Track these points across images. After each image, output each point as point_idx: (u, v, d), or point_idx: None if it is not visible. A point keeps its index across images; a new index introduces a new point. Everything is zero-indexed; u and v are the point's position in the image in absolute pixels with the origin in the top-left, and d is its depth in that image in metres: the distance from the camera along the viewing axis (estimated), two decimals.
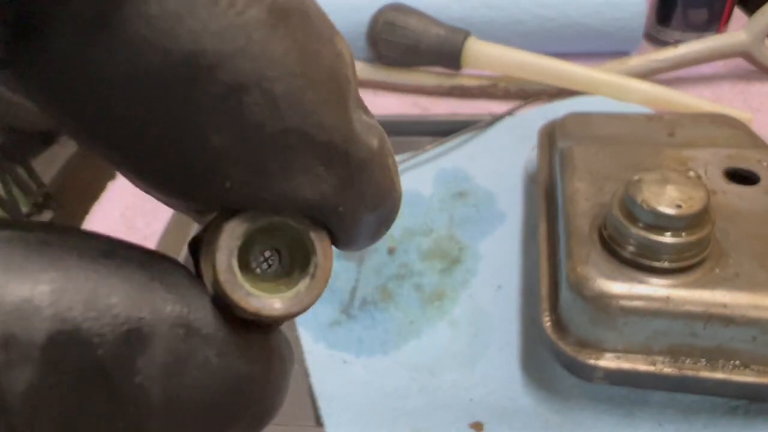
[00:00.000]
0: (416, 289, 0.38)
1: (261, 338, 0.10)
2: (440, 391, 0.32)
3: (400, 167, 0.46)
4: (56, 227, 0.08)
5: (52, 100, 0.08)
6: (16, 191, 0.72)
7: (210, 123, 0.08)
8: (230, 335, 0.09)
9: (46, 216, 0.75)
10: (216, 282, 0.09)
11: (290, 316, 0.09)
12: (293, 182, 0.09)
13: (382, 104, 0.56)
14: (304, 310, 0.09)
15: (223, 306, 0.09)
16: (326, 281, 0.10)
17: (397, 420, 0.30)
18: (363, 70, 0.58)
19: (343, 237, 0.10)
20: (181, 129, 0.08)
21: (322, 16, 0.09)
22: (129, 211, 0.45)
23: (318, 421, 0.31)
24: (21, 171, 0.73)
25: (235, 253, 0.09)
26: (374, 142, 0.10)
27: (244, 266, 0.09)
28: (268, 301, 0.09)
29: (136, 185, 0.09)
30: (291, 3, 0.09)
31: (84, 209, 0.46)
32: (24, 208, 0.73)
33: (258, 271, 0.10)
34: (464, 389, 0.32)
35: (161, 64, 0.08)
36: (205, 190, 0.09)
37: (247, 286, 0.09)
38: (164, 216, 0.43)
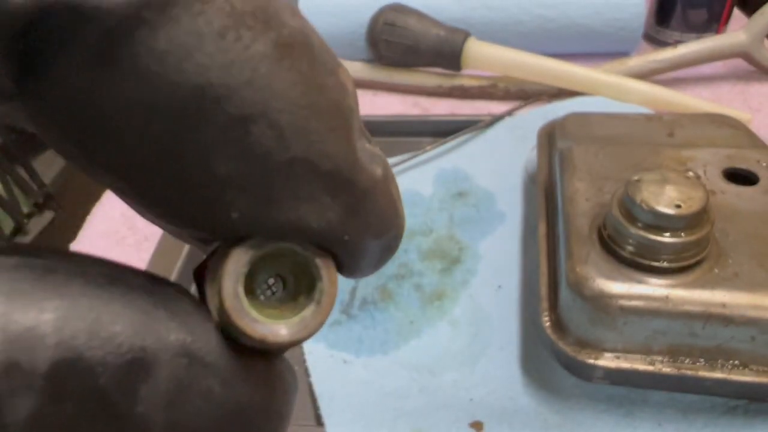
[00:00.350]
0: (416, 289, 0.38)
1: (264, 366, 0.10)
2: (440, 391, 0.32)
3: (400, 167, 0.46)
4: (62, 253, 0.08)
5: (59, 131, 0.08)
6: (16, 191, 0.72)
7: (217, 153, 0.08)
8: (233, 363, 0.09)
9: (47, 216, 0.75)
10: (222, 309, 0.09)
11: (296, 343, 0.09)
12: (299, 210, 0.09)
13: (382, 104, 0.56)
14: (310, 335, 0.09)
15: (227, 333, 0.09)
16: (331, 307, 0.10)
17: (397, 420, 0.30)
18: (363, 70, 0.58)
19: (348, 264, 0.10)
20: (189, 159, 0.08)
21: (325, 48, 0.09)
22: (130, 211, 0.45)
23: (318, 421, 0.31)
24: (21, 171, 0.73)
25: (242, 279, 0.09)
26: (378, 171, 0.10)
27: (249, 293, 0.09)
28: (274, 328, 0.09)
29: (142, 215, 0.09)
30: (296, 37, 0.09)
31: (85, 209, 0.46)
32: (25, 209, 0.73)
33: (262, 297, 0.10)
34: (464, 389, 0.32)
35: (169, 97, 0.08)
36: (212, 218, 0.09)
37: (253, 312, 0.09)
38: None
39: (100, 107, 0.08)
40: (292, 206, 0.09)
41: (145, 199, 0.09)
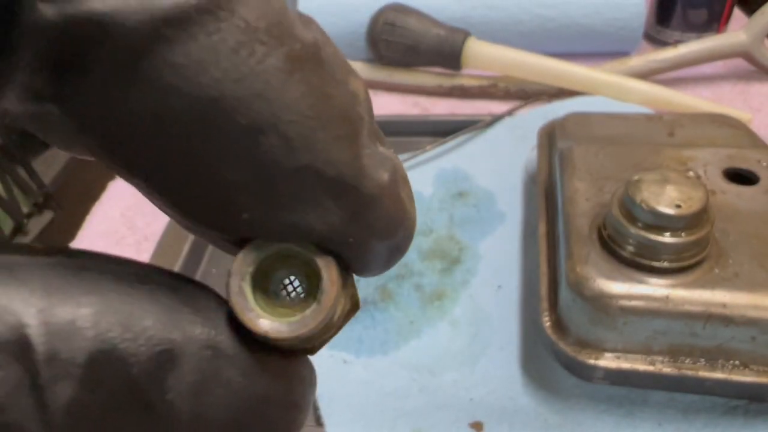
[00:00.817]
0: (416, 289, 0.38)
1: (282, 362, 0.10)
2: (440, 391, 0.32)
3: None
4: (95, 254, 0.09)
5: (86, 132, 0.09)
6: (16, 191, 0.72)
7: (228, 159, 0.09)
8: (253, 357, 0.10)
9: (47, 216, 0.75)
10: (229, 305, 0.10)
11: (297, 339, 0.10)
12: (304, 214, 0.09)
13: (382, 104, 0.56)
14: (310, 332, 0.10)
15: (245, 330, 0.10)
16: (331, 306, 0.10)
17: (397, 420, 0.30)
18: (363, 70, 0.58)
19: (356, 264, 0.11)
20: (202, 164, 0.09)
21: (337, 58, 0.10)
22: (129, 211, 0.45)
23: (318, 421, 0.31)
24: (21, 171, 0.73)
25: (247, 278, 0.10)
26: (385, 176, 0.10)
27: (264, 291, 0.10)
28: (276, 324, 0.10)
29: (164, 211, 0.10)
30: (307, 50, 0.09)
31: (84, 209, 0.46)
32: (24, 208, 0.73)
33: (285, 295, 0.10)
34: (464, 389, 0.32)
35: (185, 107, 0.08)
36: (223, 219, 0.10)
37: (258, 309, 0.10)
38: (164, 216, 0.43)
39: (121, 113, 0.09)
40: (297, 210, 0.09)
41: (162, 197, 0.09)
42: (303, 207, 0.09)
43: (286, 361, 0.10)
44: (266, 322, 0.10)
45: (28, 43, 0.08)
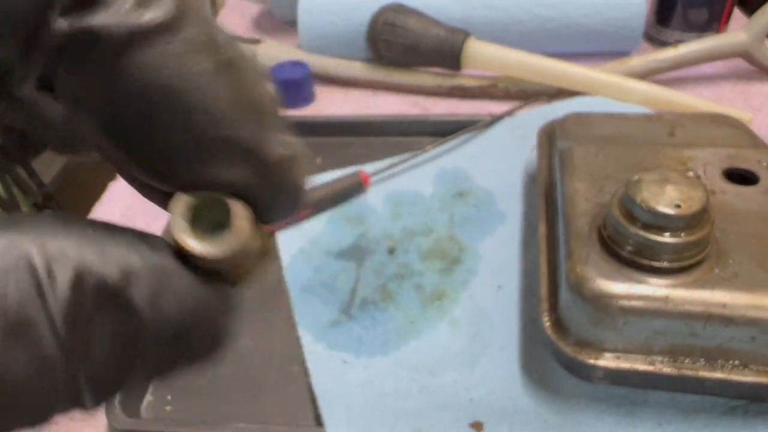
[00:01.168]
0: (416, 289, 0.38)
1: (215, 280, 0.14)
2: (440, 391, 0.32)
3: (400, 167, 0.46)
4: (75, 216, 0.12)
5: (79, 109, 0.13)
6: (16, 191, 0.72)
7: (173, 128, 0.13)
8: (193, 275, 0.13)
9: None
10: (173, 237, 0.13)
11: (223, 258, 0.13)
12: (222, 170, 0.14)
13: (382, 104, 0.56)
14: (232, 252, 0.13)
15: (186, 258, 0.13)
16: (242, 234, 0.14)
17: (397, 420, 0.30)
18: (363, 70, 0.58)
19: (262, 210, 0.14)
20: (156, 130, 0.13)
21: (252, 66, 0.14)
22: (129, 211, 0.46)
23: (318, 421, 0.31)
24: (21, 171, 0.73)
25: (185, 215, 0.13)
26: (279, 150, 0.14)
27: (197, 231, 0.14)
28: (206, 246, 0.13)
29: (124, 173, 0.14)
30: (230, 60, 0.13)
31: (84, 209, 0.46)
32: (24, 208, 0.73)
33: (210, 235, 0.14)
34: (464, 389, 0.32)
35: (145, 91, 0.12)
36: (167, 171, 0.13)
37: (193, 238, 0.13)
38: (164, 216, 0.43)
39: (105, 93, 0.12)
40: (218, 166, 0.13)
41: (127, 154, 0.13)
42: (222, 165, 0.13)
43: (218, 281, 0.14)
44: (198, 244, 0.13)
45: (48, 46, 0.12)
